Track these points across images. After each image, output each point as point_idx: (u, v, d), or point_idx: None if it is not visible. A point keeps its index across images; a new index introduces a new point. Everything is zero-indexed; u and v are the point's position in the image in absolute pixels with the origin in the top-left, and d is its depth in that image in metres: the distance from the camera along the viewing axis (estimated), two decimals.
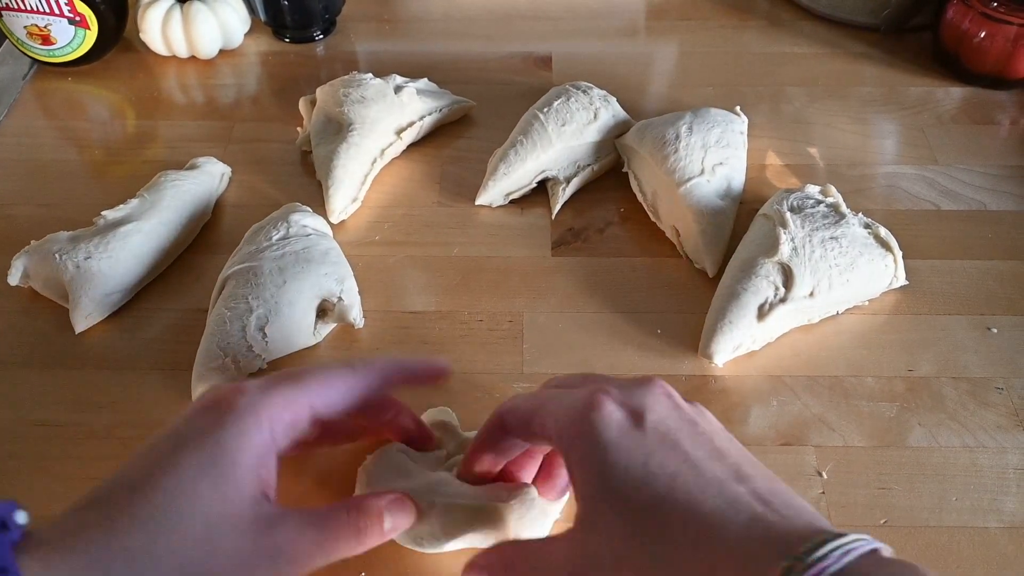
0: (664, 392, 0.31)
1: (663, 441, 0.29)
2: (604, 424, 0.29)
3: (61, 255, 0.46)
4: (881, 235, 0.46)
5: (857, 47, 0.67)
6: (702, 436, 0.30)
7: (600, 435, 0.29)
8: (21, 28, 0.61)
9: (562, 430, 0.30)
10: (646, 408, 0.30)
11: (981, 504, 0.39)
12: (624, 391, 0.31)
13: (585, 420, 0.29)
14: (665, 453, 0.28)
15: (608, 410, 0.29)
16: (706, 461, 0.28)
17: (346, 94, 0.55)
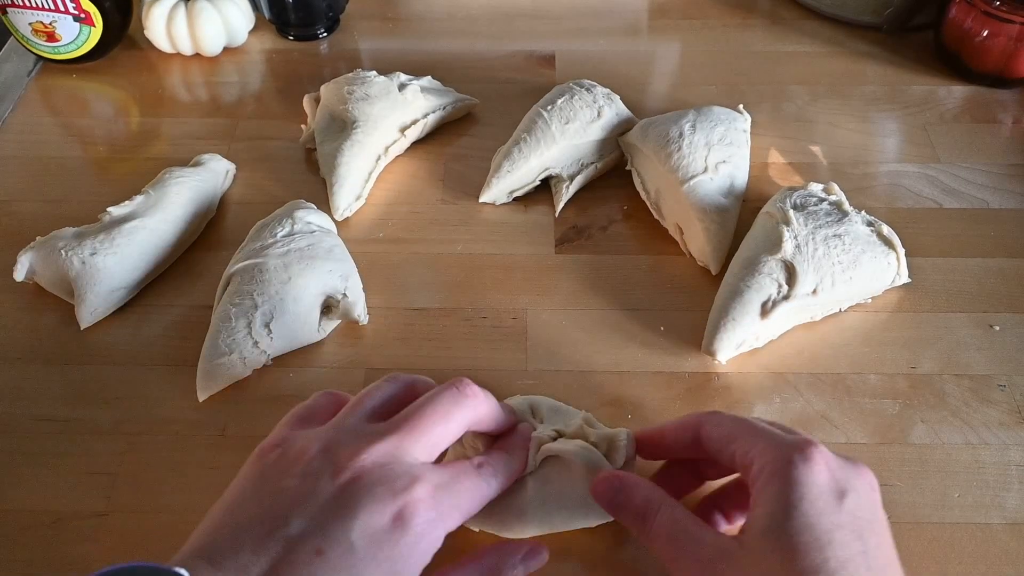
0: (870, 484, 0.32)
1: (854, 525, 0.29)
2: (809, 478, 0.30)
3: (66, 251, 0.46)
4: (884, 233, 0.47)
5: (859, 46, 0.67)
6: (883, 542, 0.30)
7: (800, 484, 0.29)
8: (26, 25, 0.62)
9: (766, 461, 0.31)
10: (850, 488, 0.30)
11: (983, 500, 0.39)
12: (836, 461, 0.31)
13: (792, 463, 0.30)
14: (850, 536, 0.29)
15: (819, 466, 0.30)
16: (879, 562, 0.29)
17: (350, 92, 0.55)
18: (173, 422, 0.43)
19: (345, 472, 0.29)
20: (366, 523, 0.28)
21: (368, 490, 0.29)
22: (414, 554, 0.28)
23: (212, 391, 0.43)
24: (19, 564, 0.37)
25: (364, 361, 0.45)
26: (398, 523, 0.28)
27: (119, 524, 0.39)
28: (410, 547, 0.28)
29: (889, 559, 0.30)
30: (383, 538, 0.28)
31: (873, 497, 0.31)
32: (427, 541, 0.29)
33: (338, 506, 0.28)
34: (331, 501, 0.29)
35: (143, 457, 0.41)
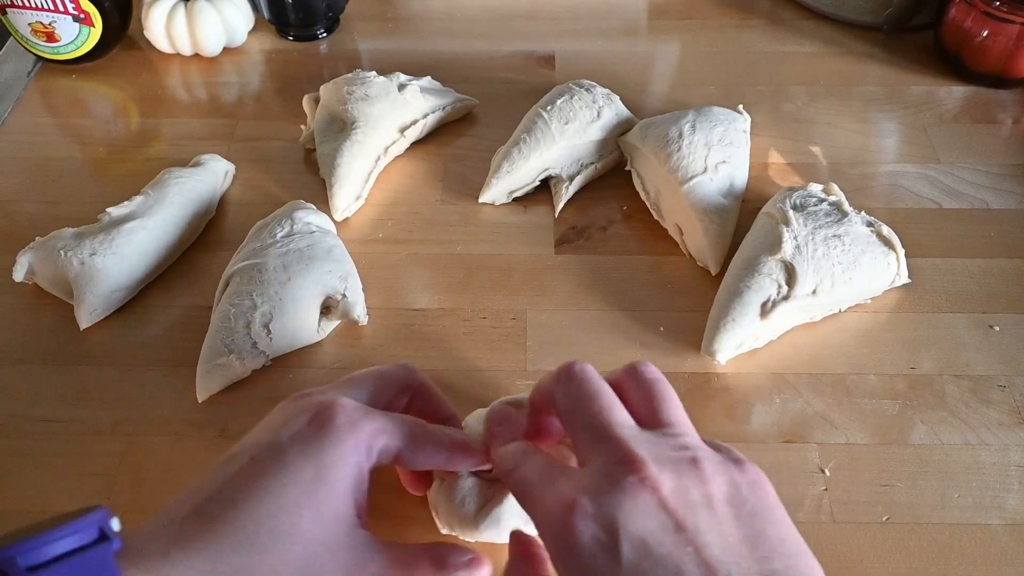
0: (650, 487, 0.26)
1: (638, 569, 0.25)
2: (577, 547, 0.26)
3: (66, 252, 0.46)
4: (883, 233, 0.47)
5: (859, 46, 0.67)
6: (688, 550, 0.25)
7: (575, 560, 0.26)
8: (26, 25, 0.62)
9: (546, 540, 0.28)
10: (619, 525, 0.26)
11: (983, 501, 0.39)
12: (601, 489, 0.27)
13: (561, 538, 0.26)
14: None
15: (579, 530, 0.26)
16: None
17: (350, 92, 0.55)
18: (172, 423, 0.43)
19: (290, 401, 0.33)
20: (291, 426, 0.30)
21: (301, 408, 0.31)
22: (339, 449, 0.29)
23: (211, 391, 0.43)
24: None
25: (363, 362, 0.45)
26: (318, 420, 0.30)
27: None
28: (334, 441, 0.29)
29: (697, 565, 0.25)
30: (307, 433, 0.30)
31: (652, 501, 0.26)
32: (350, 444, 0.30)
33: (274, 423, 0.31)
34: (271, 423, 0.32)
35: (142, 458, 0.41)
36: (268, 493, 0.28)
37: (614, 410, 0.30)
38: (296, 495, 0.28)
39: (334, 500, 0.29)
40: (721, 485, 0.27)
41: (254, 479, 0.29)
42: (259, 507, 0.28)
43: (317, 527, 0.28)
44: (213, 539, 0.27)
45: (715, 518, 0.26)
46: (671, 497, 0.26)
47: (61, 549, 0.25)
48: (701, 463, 0.28)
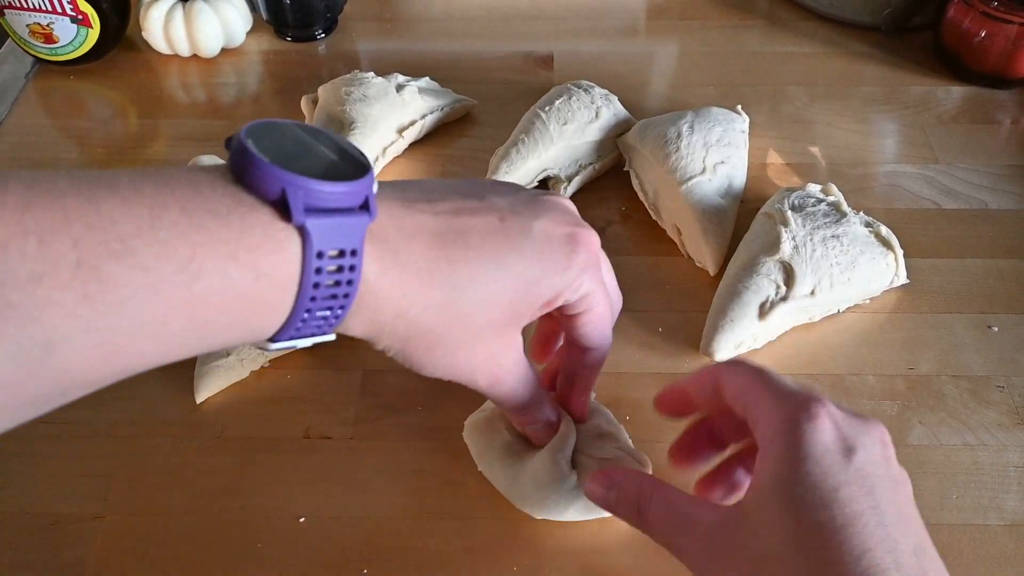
0: (880, 439, 0.30)
1: (862, 481, 0.28)
2: (814, 436, 0.29)
3: None
4: (882, 234, 0.47)
5: (858, 46, 0.67)
6: (898, 496, 0.29)
7: (805, 444, 0.29)
8: (23, 26, 0.62)
9: (771, 421, 0.30)
10: (858, 444, 0.29)
11: (982, 502, 0.39)
12: (844, 418, 0.30)
13: (797, 423, 0.29)
14: (859, 491, 0.28)
15: (823, 425, 0.29)
16: (892, 519, 0.28)
17: (348, 93, 0.55)
18: (170, 424, 0.42)
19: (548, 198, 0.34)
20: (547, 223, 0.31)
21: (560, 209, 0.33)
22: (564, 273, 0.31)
23: (210, 393, 0.43)
24: (16, 567, 0.37)
25: (362, 363, 0.45)
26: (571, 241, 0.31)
27: (116, 526, 0.39)
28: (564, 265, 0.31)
29: (904, 514, 0.29)
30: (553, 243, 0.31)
31: (886, 453, 0.30)
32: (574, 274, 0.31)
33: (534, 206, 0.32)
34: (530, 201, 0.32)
35: (140, 459, 0.41)
36: (496, 264, 0.30)
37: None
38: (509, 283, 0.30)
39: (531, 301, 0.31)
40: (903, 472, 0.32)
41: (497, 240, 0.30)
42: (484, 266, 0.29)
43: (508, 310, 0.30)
44: (436, 267, 0.28)
45: (907, 491, 0.31)
46: (893, 454, 0.31)
47: (333, 204, 0.25)
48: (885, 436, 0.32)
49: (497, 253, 0.29)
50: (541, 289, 0.30)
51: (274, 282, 0.25)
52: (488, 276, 0.29)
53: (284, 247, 0.25)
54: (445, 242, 0.29)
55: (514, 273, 0.30)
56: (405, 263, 0.28)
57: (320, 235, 0.25)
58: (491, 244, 0.29)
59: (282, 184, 0.24)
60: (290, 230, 0.25)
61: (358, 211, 0.26)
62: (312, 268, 0.25)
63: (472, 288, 0.29)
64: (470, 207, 0.30)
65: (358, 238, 0.26)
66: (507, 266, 0.30)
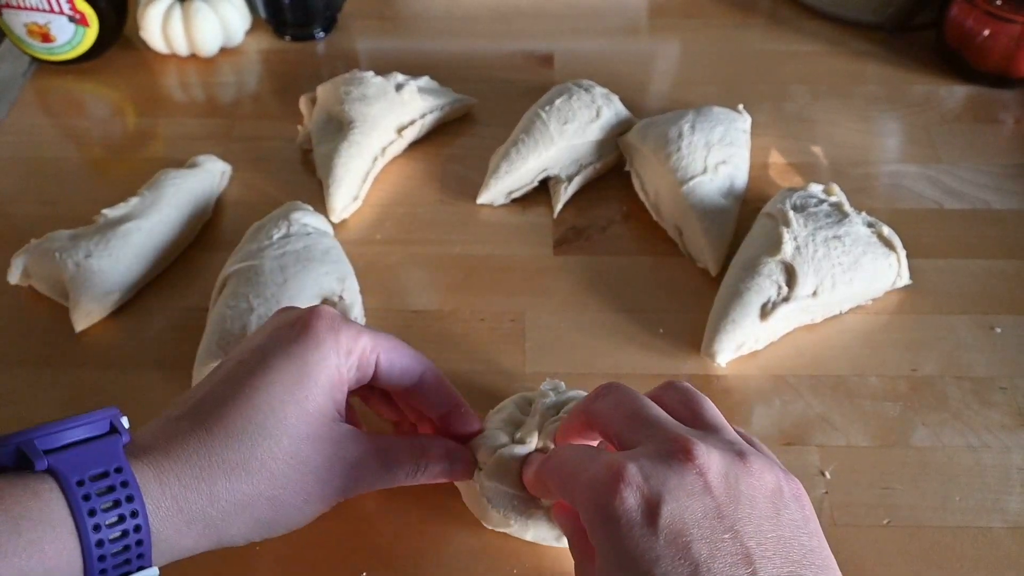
0: (697, 468, 0.27)
1: (673, 544, 0.26)
2: (618, 514, 0.26)
3: (61, 253, 0.46)
4: (884, 234, 0.46)
5: (860, 45, 0.67)
6: (725, 536, 0.26)
7: (614, 525, 0.26)
8: (21, 26, 0.61)
9: (585, 508, 0.28)
10: (663, 499, 0.26)
11: (985, 504, 0.39)
12: (650, 465, 0.27)
13: (600, 505, 0.27)
14: (673, 561, 0.25)
15: (625, 494, 0.27)
16: (726, 566, 0.25)
17: (347, 92, 0.54)
18: None
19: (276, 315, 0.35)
20: (276, 333, 0.33)
21: (283, 315, 0.34)
22: (319, 352, 0.32)
23: None
24: None
25: None
26: (299, 325, 0.33)
27: None
28: (314, 347, 0.32)
29: (738, 549, 0.26)
30: (289, 338, 0.32)
31: (698, 483, 0.27)
32: (329, 346, 0.32)
33: (261, 332, 0.34)
34: (260, 331, 0.34)
35: None
36: (255, 391, 0.31)
37: (657, 408, 0.31)
38: (281, 392, 0.31)
39: (316, 396, 0.31)
40: (767, 484, 0.28)
41: (242, 379, 0.31)
42: (247, 404, 0.30)
43: (302, 422, 0.31)
44: (207, 437, 0.29)
45: (755, 513, 0.27)
46: (716, 483, 0.27)
47: (75, 437, 0.27)
48: (749, 458, 0.28)
49: (248, 393, 0.30)
50: (313, 392, 0.31)
51: (40, 523, 0.25)
52: (251, 418, 0.30)
53: (38, 492, 0.26)
54: (198, 415, 0.30)
55: (278, 393, 0.31)
56: (178, 458, 0.29)
57: (70, 466, 0.26)
58: (239, 390, 0.31)
59: (13, 444, 0.26)
60: (42, 477, 0.26)
61: (108, 436, 0.28)
62: (78, 496, 0.26)
63: (246, 438, 0.30)
64: (213, 374, 0.32)
65: (115, 456, 0.27)
66: (266, 394, 0.31)
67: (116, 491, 0.26)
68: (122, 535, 0.26)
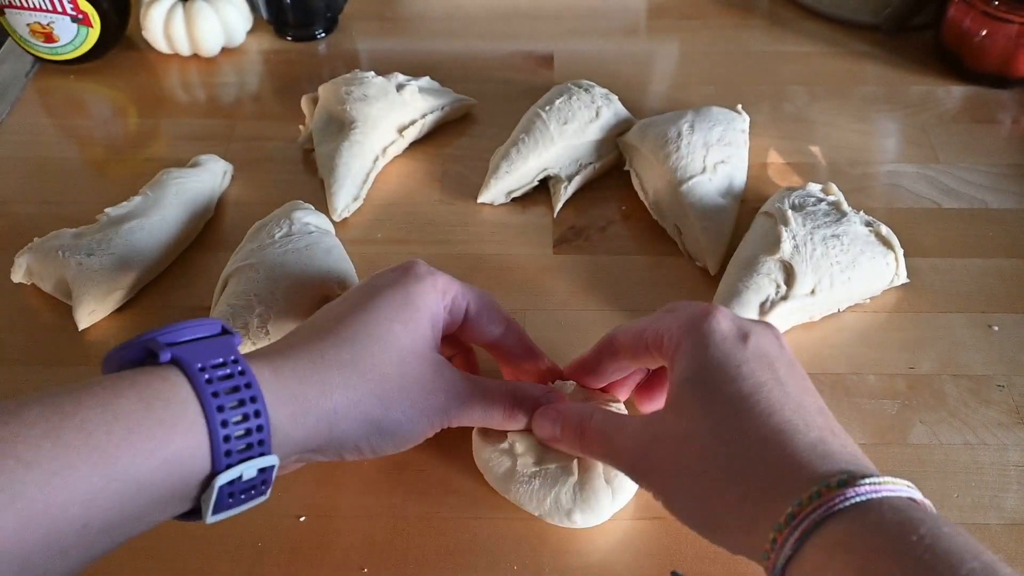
0: (773, 333, 0.33)
1: (760, 358, 0.31)
2: (713, 328, 0.32)
3: (64, 252, 0.46)
4: (882, 233, 0.47)
5: (859, 46, 0.67)
6: (795, 372, 0.32)
7: (706, 336, 0.32)
8: (24, 26, 0.62)
9: (673, 334, 0.33)
10: (752, 332, 0.32)
11: (982, 501, 0.39)
12: (739, 317, 0.33)
13: (696, 324, 0.32)
14: (759, 366, 0.31)
15: (719, 318, 0.32)
16: (793, 387, 0.31)
17: (348, 92, 0.55)
18: None
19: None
20: (380, 276, 0.37)
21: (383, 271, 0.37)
22: (420, 287, 0.35)
23: None
24: None
25: None
26: (401, 268, 0.37)
27: None
28: (415, 283, 0.35)
29: (804, 385, 0.31)
30: (393, 277, 0.36)
31: (779, 342, 0.33)
32: (428, 284, 0.36)
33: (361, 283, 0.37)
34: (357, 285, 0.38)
35: None
36: (365, 311, 0.34)
37: None
38: (388, 311, 0.34)
39: (419, 320, 0.35)
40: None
41: (353, 302, 0.35)
42: (357, 319, 0.33)
43: (407, 336, 0.34)
44: (320, 342, 0.32)
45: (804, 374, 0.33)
46: (786, 345, 0.33)
47: (192, 335, 0.29)
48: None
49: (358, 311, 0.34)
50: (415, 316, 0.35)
51: (170, 403, 0.27)
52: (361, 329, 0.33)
53: (166, 376, 0.27)
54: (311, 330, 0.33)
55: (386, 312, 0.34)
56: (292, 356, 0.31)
57: (192, 355, 0.28)
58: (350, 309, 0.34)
59: (139, 344, 0.29)
60: (169, 368, 0.28)
61: (221, 335, 0.30)
62: (201, 380, 0.27)
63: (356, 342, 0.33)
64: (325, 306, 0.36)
65: (230, 350, 0.29)
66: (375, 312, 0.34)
67: (235, 379, 0.28)
68: (243, 419, 0.28)
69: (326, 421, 0.31)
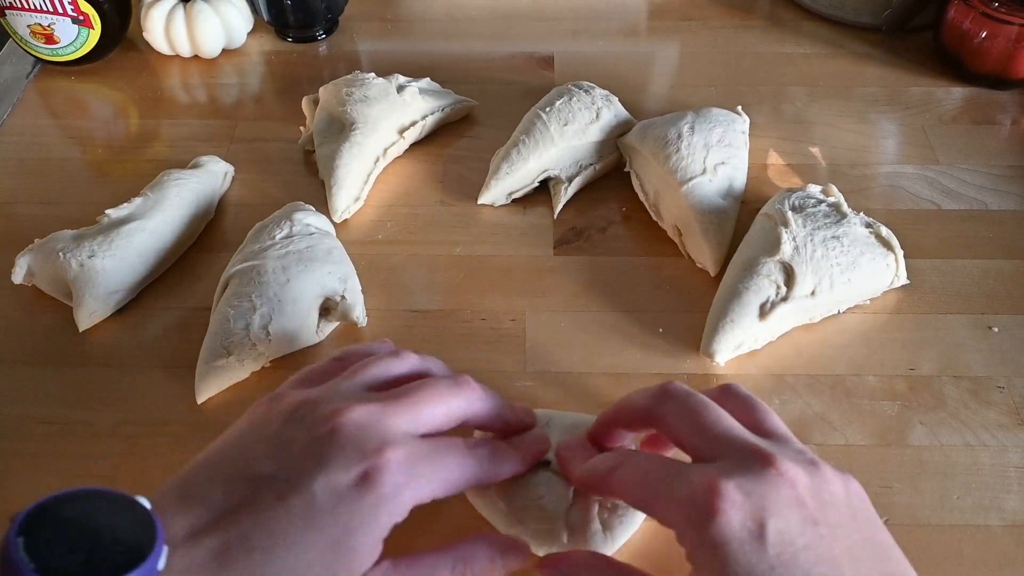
0: (788, 480, 0.28)
1: (782, 559, 0.27)
2: (723, 532, 0.27)
3: (65, 253, 0.46)
4: (882, 234, 0.47)
5: (858, 47, 0.67)
6: (822, 546, 0.27)
7: (719, 544, 0.27)
8: (25, 27, 0.62)
9: (678, 524, 0.29)
10: (767, 514, 0.27)
11: (982, 502, 0.39)
12: (745, 486, 0.28)
13: (703, 524, 0.27)
14: (784, 572, 0.26)
15: (727, 516, 0.27)
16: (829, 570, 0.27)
17: (349, 93, 0.55)
18: (172, 424, 0.42)
19: (323, 426, 0.30)
20: (331, 477, 0.28)
21: (340, 446, 0.29)
22: (374, 516, 0.28)
23: (211, 393, 0.43)
24: None
25: None
26: (363, 482, 0.29)
27: None
28: (372, 508, 0.28)
29: (832, 557, 0.27)
30: (345, 494, 0.28)
31: (792, 496, 0.28)
32: (391, 506, 0.29)
33: (309, 457, 0.29)
34: (303, 451, 0.29)
35: (142, 459, 0.41)
36: (288, 550, 0.27)
37: (728, 417, 0.31)
38: (316, 556, 0.28)
39: (356, 560, 0.28)
40: (839, 489, 0.29)
41: (279, 528, 0.28)
42: (279, 562, 0.27)
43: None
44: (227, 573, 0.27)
45: (840, 517, 0.28)
46: (805, 493, 0.28)
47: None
48: (821, 466, 0.30)
49: (281, 552, 0.27)
50: (352, 556, 0.28)
51: None
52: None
53: None
54: (228, 561, 0.27)
55: (313, 556, 0.28)
56: None
57: None
58: (274, 543, 0.27)
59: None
60: None
61: None
62: None
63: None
64: (246, 500, 0.28)
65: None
66: (301, 556, 0.27)
67: None
68: None
69: None
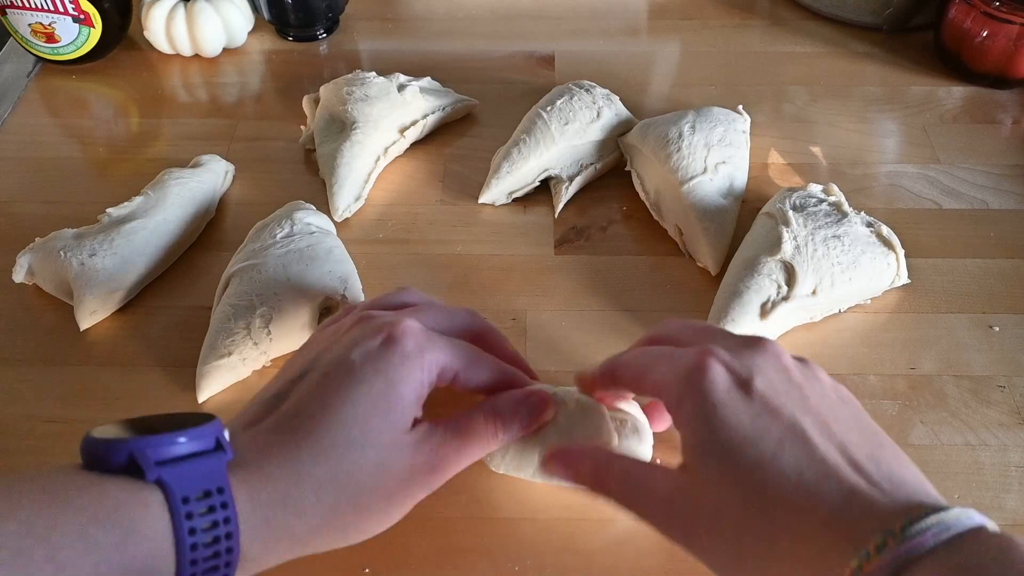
0: (774, 353, 0.31)
1: (768, 407, 0.29)
2: (711, 387, 0.30)
3: (66, 252, 0.46)
4: (883, 233, 0.47)
5: (859, 46, 0.67)
6: (809, 403, 0.30)
7: (707, 396, 0.30)
8: (25, 26, 0.62)
9: (671, 390, 0.31)
10: (754, 372, 0.30)
11: (983, 502, 0.39)
12: (733, 352, 0.31)
13: (693, 382, 0.30)
14: (770, 419, 0.29)
15: (715, 373, 0.30)
16: (810, 431, 0.29)
17: (350, 92, 0.55)
18: None
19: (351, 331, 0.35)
20: (362, 346, 0.33)
21: (368, 328, 0.34)
22: (409, 371, 0.33)
23: (212, 392, 0.43)
24: None
25: None
26: (388, 342, 0.33)
27: None
28: (403, 362, 0.33)
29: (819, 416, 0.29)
30: (377, 354, 0.33)
31: (778, 364, 0.31)
32: (419, 362, 0.33)
33: (346, 342, 0.34)
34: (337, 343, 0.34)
35: None
36: (342, 405, 0.31)
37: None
38: (367, 406, 0.32)
39: (400, 408, 0.32)
40: (827, 380, 0.32)
41: (329, 393, 0.32)
42: (334, 420, 0.31)
43: (386, 432, 0.32)
44: (297, 452, 0.30)
45: (826, 395, 0.31)
46: (792, 367, 0.31)
47: (184, 451, 0.28)
48: (808, 362, 0.32)
49: (336, 408, 0.31)
50: (397, 405, 0.32)
51: (145, 537, 0.26)
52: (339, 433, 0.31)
53: (147, 502, 0.26)
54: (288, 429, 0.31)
55: (364, 407, 0.32)
56: (270, 476, 0.30)
57: (179, 481, 0.27)
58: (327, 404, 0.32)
59: (127, 450, 0.27)
60: (150, 487, 0.27)
61: (213, 452, 0.28)
62: (182, 513, 0.27)
63: (334, 453, 0.31)
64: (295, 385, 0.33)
65: (219, 476, 0.28)
66: (353, 408, 0.31)
67: (215, 513, 0.27)
68: (214, 556, 0.27)
69: (299, 541, 0.30)
